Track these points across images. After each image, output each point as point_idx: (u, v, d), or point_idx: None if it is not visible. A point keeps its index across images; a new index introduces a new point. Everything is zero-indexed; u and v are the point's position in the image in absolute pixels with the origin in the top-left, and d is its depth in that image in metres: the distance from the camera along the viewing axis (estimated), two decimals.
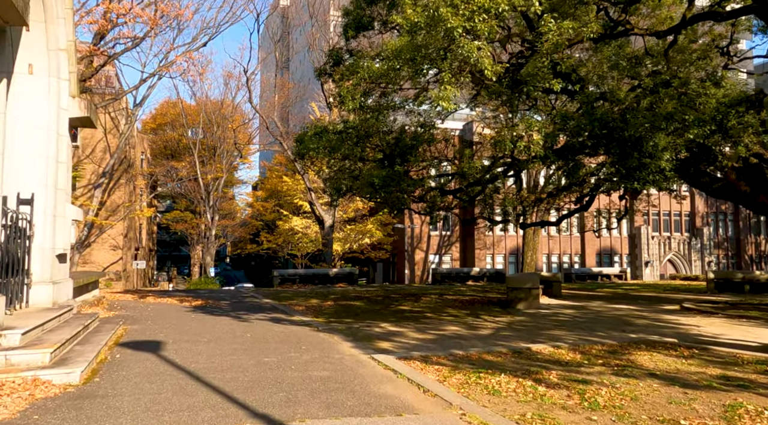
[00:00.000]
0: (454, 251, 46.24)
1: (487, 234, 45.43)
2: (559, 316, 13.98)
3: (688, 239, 49.73)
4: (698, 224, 50.16)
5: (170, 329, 11.52)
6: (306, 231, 43.37)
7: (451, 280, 29.38)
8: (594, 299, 18.80)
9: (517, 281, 15.64)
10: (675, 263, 49.71)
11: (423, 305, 17.13)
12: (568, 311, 15.01)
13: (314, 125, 14.41)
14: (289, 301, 18.18)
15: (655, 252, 48.77)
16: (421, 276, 44.73)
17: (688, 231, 50.28)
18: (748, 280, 20.29)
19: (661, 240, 49.19)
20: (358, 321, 13.37)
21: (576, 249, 48.06)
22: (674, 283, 28.98)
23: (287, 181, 45.90)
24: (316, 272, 27.80)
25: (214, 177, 45.01)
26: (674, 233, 49.84)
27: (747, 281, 20.26)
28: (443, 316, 14.26)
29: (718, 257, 50.42)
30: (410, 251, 44.16)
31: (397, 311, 15.58)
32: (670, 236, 49.54)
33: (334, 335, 11.04)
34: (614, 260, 48.87)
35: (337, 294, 21.21)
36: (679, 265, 49.59)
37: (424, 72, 9.09)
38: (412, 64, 9.03)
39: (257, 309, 15.78)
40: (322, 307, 16.54)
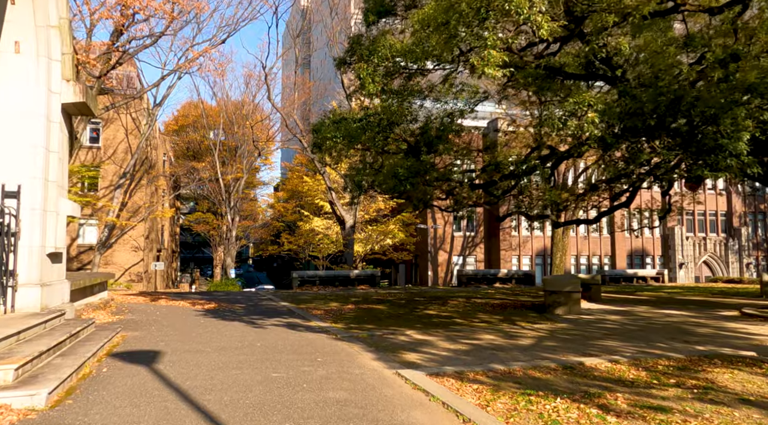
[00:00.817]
0: (479, 253, 44.62)
1: (513, 235, 43.73)
2: (606, 323, 12.44)
3: (724, 239, 47.23)
4: (735, 224, 47.63)
5: (174, 336, 10.34)
6: (327, 232, 42.24)
7: (477, 282, 27.88)
8: (638, 303, 17.15)
9: (556, 284, 14.14)
10: (711, 265, 47.25)
11: (451, 309, 15.73)
12: (614, 317, 13.45)
13: (333, 112, 13.14)
14: (308, 304, 16.95)
15: (689, 254, 46.40)
16: (445, 278, 43.23)
17: (724, 232, 47.76)
18: None
19: (696, 241, 46.80)
20: (381, 327, 12.04)
21: (606, 250, 45.98)
22: (718, 286, 27.02)
23: (308, 181, 44.86)
24: (337, 274, 26.57)
25: (234, 178, 44.18)
26: (710, 234, 47.40)
27: None
28: (474, 322, 12.84)
29: (757, 259, 47.76)
30: (433, 252, 42.70)
31: (423, 316, 14.21)
32: (705, 236, 47.12)
33: (354, 344, 9.73)
34: (646, 262, 46.66)
35: (359, 297, 19.93)
36: (715, 267, 47.11)
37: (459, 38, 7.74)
38: (444, 29, 7.68)
39: (272, 314, 14.57)
40: (342, 311, 15.26)
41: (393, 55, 9.86)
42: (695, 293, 21.25)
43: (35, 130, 9.22)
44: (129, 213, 39.85)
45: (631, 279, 29.65)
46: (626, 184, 15.86)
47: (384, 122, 12.11)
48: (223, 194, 43.46)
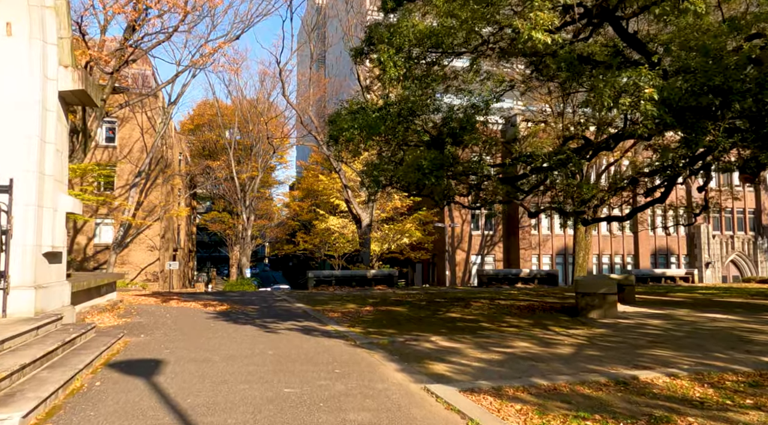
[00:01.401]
0: (497, 252, 43.46)
1: (533, 233, 42.50)
2: (647, 328, 11.38)
3: (753, 238, 45.46)
4: (765, 221, 45.83)
5: (180, 342, 9.53)
6: (343, 231, 41.44)
7: (498, 282, 26.81)
8: (675, 305, 16.00)
9: (590, 285, 13.08)
10: (738, 265, 45.51)
11: (475, 312, 14.75)
12: (655, 321, 12.36)
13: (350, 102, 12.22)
14: (324, 306, 16.09)
15: (716, 252, 44.72)
16: (463, 278, 42.16)
17: (753, 230, 45.97)
18: None
19: (723, 239, 45.10)
20: (403, 332, 11.12)
21: (629, 250, 44.52)
22: (753, 287, 25.63)
23: (323, 179, 44.10)
24: (353, 273, 25.70)
25: (249, 176, 43.55)
26: (737, 232, 45.65)
27: None
28: (503, 327, 11.86)
29: None
30: (451, 251, 41.65)
31: (447, 319, 13.26)
32: (733, 235, 45.39)
33: (374, 352, 8.82)
34: (670, 261, 45.09)
35: (376, 298, 19.04)
36: (744, 267, 45.37)
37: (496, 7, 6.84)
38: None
39: (287, 316, 13.73)
40: (360, 314, 14.37)
41: (416, 37, 8.94)
42: (732, 295, 19.98)
43: (29, 119, 8.45)
44: (145, 212, 39.44)
45: (659, 279, 28.33)
46: (668, 176, 14.66)
47: (405, 111, 11.17)
48: (239, 193, 42.85)
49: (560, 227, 43.08)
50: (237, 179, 42.15)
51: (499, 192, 14.17)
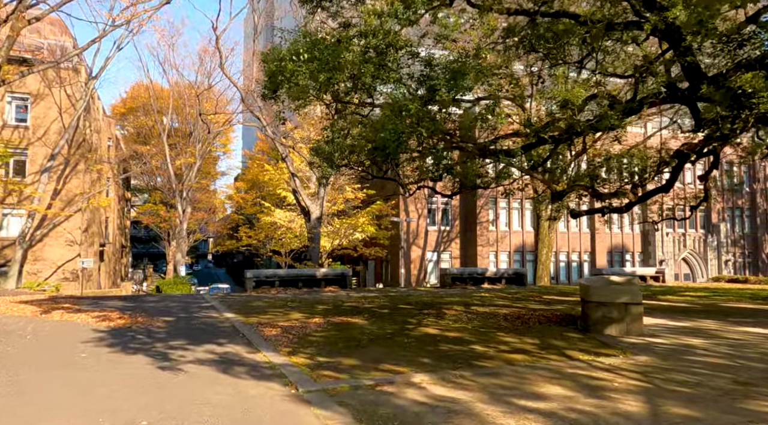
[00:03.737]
0: (454, 248, 40.55)
1: (491, 230, 39.83)
2: (697, 353, 8.26)
3: (703, 236, 44.64)
4: (714, 219, 45.12)
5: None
6: (290, 226, 37.39)
7: (462, 282, 23.64)
8: (690, 314, 13.12)
9: (605, 292, 9.91)
10: (689, 262, 44.59)
11: (455, 325, 11.35)
12: (695, 340, 9.28)
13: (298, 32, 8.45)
14: (260, 317, 12.28)
15: (669, 250, 43.57)
16: (418, 276, 38.99)
17: (703, 228, 45.17)
18: None
19: (676, 237, 44.02)
20: (368, 363, 7.54)
21: (586, 247, 42.64)
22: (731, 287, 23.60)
23: (269, 169, 39.88)
24: (300, 273, 21.87)
25: (186, 163, 38.67)
26: (689, 230, 44.71)
27: None
28: (505, 351, 8.47)
29: (734, 255, 45.43)
30: (406, 247, 38.37)
31: (423, 338, 9.77)
32: (684, 233, 44.40)
33: (331, 412, 5.19)
34: (625, 258, 43.59)
35: (328, 304, 15.36)
36: (694, 264, 44.48)
37: None
38: None
39: (206, 336, 9.85)
40: (307, 329, 10.68)
41: None
42: (729, 298, 17.53)
43: None
44: (63, 202, 33.97)
45: None
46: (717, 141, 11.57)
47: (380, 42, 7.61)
48: (174, 183, 37.91)
49: (518, 224, 40.71)
50: (171, 166, 37.20)
51: (524, 167, 10.54)
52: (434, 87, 9.14)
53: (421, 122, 7.29)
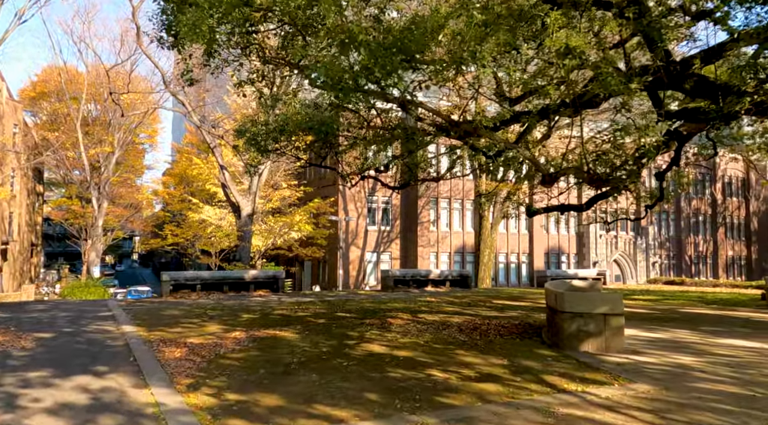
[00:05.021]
0: (394, 249, 38.92)
1: (431, 230, 38.53)
2: (693, 377, 6.80)
3: (633, 238, 45.51)
4: (643, 223, 46.10)
5: None
6: (220, 223, 34.38)
7: (405, 285, 21.92)
8: (659, 323, 11.92)
9: (582, 302, 8.36)
10: (620, 264, 45.31)
11: (402, 338, 9.49)
12: (685, 359, 7.87)
13: None
14: (167, 331, 9.93)
15: (602, 252, 44.03)
16: (357, 277, 37.04)
17: (633, 230, 46.08)
18: None
19: (608, 239, 44.58)
20: (295, 405, 5.52)
21: (524, 248, 42.26)
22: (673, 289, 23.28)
23: (198, 163, 36.68)
24: (227, 275, 19.36)
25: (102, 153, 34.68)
26: (620, 233, 45.45)
27: None
28: (469, 379, 6.68)
29: (660, 257, 46.68)
30: (344, 248, 36.31)
31: (367, 359, 7.84)
32: (616, 235, 45.07)
33: None
34: (561, 260, 43.65)
35: (254, 312, 13.12)
36: (624, 266, 45.26)
37: None
38: None
39: (84, 362, 7.43)
40: (222, 348, 8.49)
41: None
42: (681, 302, 16.78)
43: None
44: None
45: (571, 279, 25.27)
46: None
47: None
48: (89, 174, 33.87)
49: (459, 225, 39.68)
50: (86, 156, 33.16)
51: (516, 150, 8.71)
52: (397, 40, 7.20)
53: (378, 62, 5.37)
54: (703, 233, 49.69)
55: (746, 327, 11.02)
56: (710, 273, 48.85)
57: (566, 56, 5.36)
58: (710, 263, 49.55)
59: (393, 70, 5.40)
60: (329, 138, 9.68)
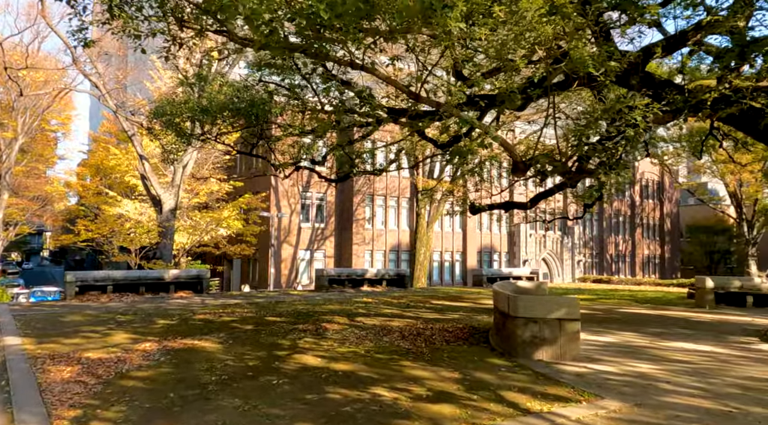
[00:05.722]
0: (328, 247, 37.66)
1: (367, 228, 37.65)
2: (671, 389, 6.26)
3: (560, 237, 46.88)
4: (570, 222, 47.63)
5: None
6: (141, 218, 31.71)
7: (340, 284, 20.86)
8: (599, 324, 11.56)
9: (537, 306, 7.67)
10: (548, 262, 46.53)
11: (340, 347, 8.46)
12: (646, 366, 7.37)
13: None
14: (61, 343, 8.36)
15: (532, 251, 45.02)
16: (289, 277, 35.48)
17: (560, 230, 47.49)
18: (747, 290, 14.90)
19: (537, 238, 45.65)
20: None
21: (458, 247, 42.33)
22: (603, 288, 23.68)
23: (117, 153, 33.71)
24: (144, 275, 17.45)
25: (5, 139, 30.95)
26: (548, 232, 46.67)
27: (747, 291, 14.86)
28: (421, 399, 5.76)
29: (585, 256, 48.41)
30: (277, 246, 34.65)
31: (300, 374, 6.74)
32: (545, 234, 46.23)
33: None
34: (493, 258, 44.16)
35: (173, 317, 11.61)
36: (552, 264, 46.53)
37: None
38: None
39: None
40: (126, 364, 7.10)
41: None
42: (617, 302, 16.82)
43: None
44: None
45: (507, 279, 25.22)
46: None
47: None
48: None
49: (394, 223, 39.07)
50: None
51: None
52: None
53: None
54: (622, 234, 52.09)
55: (688, 328, 10.89)
56: (628, 271, 51.33)
57: (551, 14, 4.57)
58: (629, 261, 52.04)
59: (350, 15, 4.30)
60: (260, 122, 8.45)
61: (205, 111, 8.59)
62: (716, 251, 52.90)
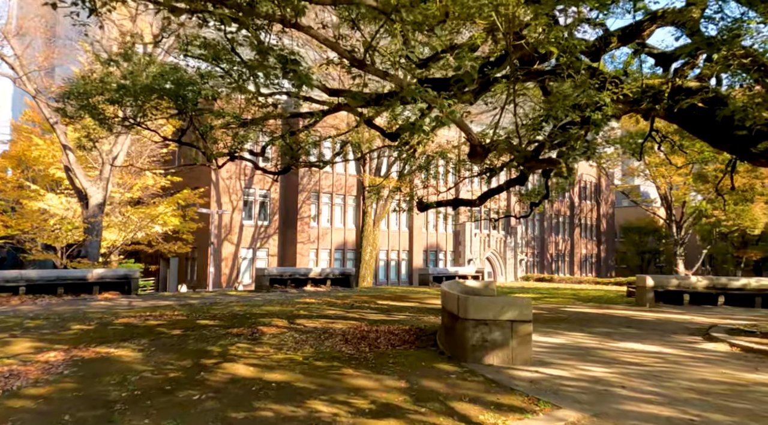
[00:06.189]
0: (272, 246, 36.40)
1: (312, 226, 36.68)
2: (629, 395, 5.91)
3: (504, 237, 47.57)
4: (513, 222, 48.43)
5: None
6: (67, 214, 29.37)
7: (282, 284, 19.94)
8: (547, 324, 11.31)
9: (488, 307, 7.20)
10: (492, 261, 47.12)
11: (276, 353, 7.68)
12: (599, 370, 7.05)
13: None
14: None
15: (476, 250, 45.42)
16: (230, 276, 33.99)
17: (504, 229, 48.21)
18: (684, 288, 15.20)
19: (482, 238, 46.11)
20: None
21: (404, 246, 42.06)
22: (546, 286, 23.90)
23: (40, 144, 31.17)
24: (63, 274, 15.89)
25: None
26: (492, 231, 47.26)
27: (684, 289, 15.15)
28: (364, 414, 5.11)
29: (527, 255, 49.38)
30: (217, 244, 33.07)
31: (228, 387, 5.94)
32: (489, 234, 46.78)
33: None
34: (439, 257, 44.21)
35: (91, 321, 10.41)
36: (495, 263, 47.15)
37: None
38: None
39: None
40: (21, 379, 6.07)
41: None
42: (561, 300, 16.81)
43: None
44: None
45: (452, 277, 25.04)
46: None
47: None
48: None
49: (340, 221, 38.30)
50: None
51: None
52: None
53: None
54: (562, 233, 53.57)
55: (633, 328, 10.81)
56: (567, 270, 52.85)
57: None
58: (568, 260, 53.58)
59: None
60: (188, 106, 7.54)
61: (125, 91, 7.57)
62: (647, 251, 55.44)
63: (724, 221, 41.78)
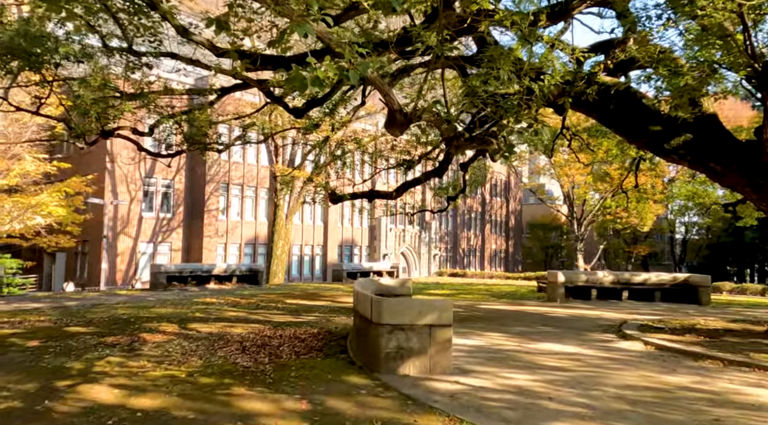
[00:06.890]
0: (176, 240, 33.70)
1: (221, 219, 34.42)
2: (558, 408, 5.29)
3: (419, 232, 47.75)
4: (428, 218, 48.74)
5: None
6: None
7: (182, 282, 18.12)
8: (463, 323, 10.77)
9: (404, 311, 6.36)
10: (407, 256, 47.13)
11: (155, 369, 6.38)
12: (522, 378, 6.43)
13: None
14: None
15: (391, 245, 45.17)
16: (127, 273, 30.98)
17: (419, 225, 48.37)
18: (592, 284, 15.41)
19: (397, 233, 45.94)
20: None
21: (318, 241, 40.80)
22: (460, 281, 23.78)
23: None
24: None
25: None
26: (407, 227, 47.25)
27: (592, 285, 15.37)
28: None
29: (440, 250, 49.95)
30: (112, 237, 29.98)
31: (75, 418, 4.60)
32: (404, 229, 46.70)
33: None
34: (354, 252, 43.43)
35: None
36: (410, 258, 47.22)
37: None
38: None
39: None
40: None
41: None
42: (476, 297, 16.52)
43: None
44: None
45: (367, 274, 24.31)
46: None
47: None
48: None
49: (251, 214, 36.35)
50: None
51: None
52: None
53: None
54: (474, 229, 54.84)
55: (548, 326, 10.54)
56: (478, 265, 54.21)
57: None
58: (479, 255, 54.96)
59: None
60: (41, 65, 5.99)
61: None
62: (551, 246, 58.25)
63: (619, 219, 44.63)
